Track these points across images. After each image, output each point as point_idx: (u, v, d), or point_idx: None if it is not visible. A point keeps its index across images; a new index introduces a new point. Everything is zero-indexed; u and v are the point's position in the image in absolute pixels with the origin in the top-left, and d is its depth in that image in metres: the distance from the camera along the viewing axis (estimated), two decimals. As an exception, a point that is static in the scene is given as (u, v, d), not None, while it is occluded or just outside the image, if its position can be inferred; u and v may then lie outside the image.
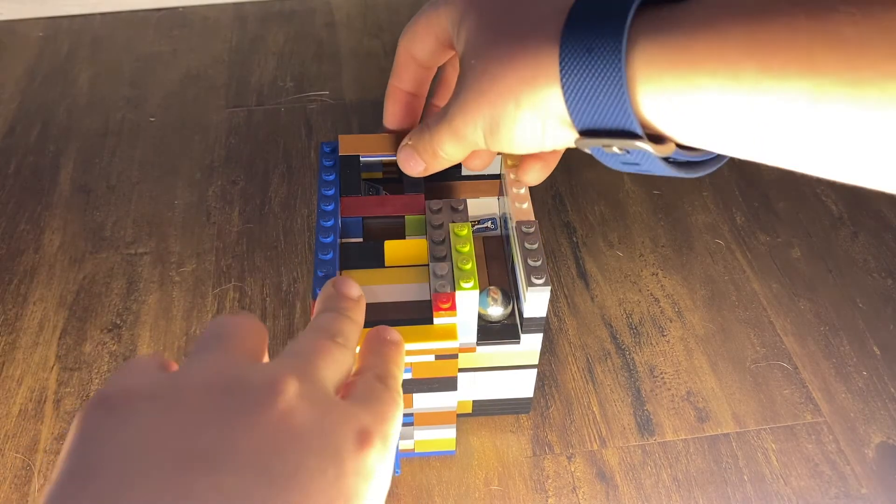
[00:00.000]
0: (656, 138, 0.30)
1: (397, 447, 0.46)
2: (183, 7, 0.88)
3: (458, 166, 0.49)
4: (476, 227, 0.50)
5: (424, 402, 0.44)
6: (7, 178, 0.67)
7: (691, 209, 0.64)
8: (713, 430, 0.50)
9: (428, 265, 0.43)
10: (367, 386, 0.29)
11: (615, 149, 0.30)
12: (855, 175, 0.26)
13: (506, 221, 0.49)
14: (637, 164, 0.31)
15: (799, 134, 0.26)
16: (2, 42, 0.83)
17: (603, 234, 0.62)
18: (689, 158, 0.31)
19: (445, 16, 0.37)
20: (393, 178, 0.50)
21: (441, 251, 0.42)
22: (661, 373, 0.53)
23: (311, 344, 0.29)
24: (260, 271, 0.59)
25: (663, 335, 0.55)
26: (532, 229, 0.44)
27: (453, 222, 0.44)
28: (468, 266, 0.41)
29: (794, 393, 0.52)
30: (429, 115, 0.44)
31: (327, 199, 0.45)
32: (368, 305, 0.41)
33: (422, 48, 0.39)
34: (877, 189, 0.26)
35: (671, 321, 0.56)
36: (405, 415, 0.45)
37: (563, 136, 0.32)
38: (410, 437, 0.47)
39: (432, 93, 0.44)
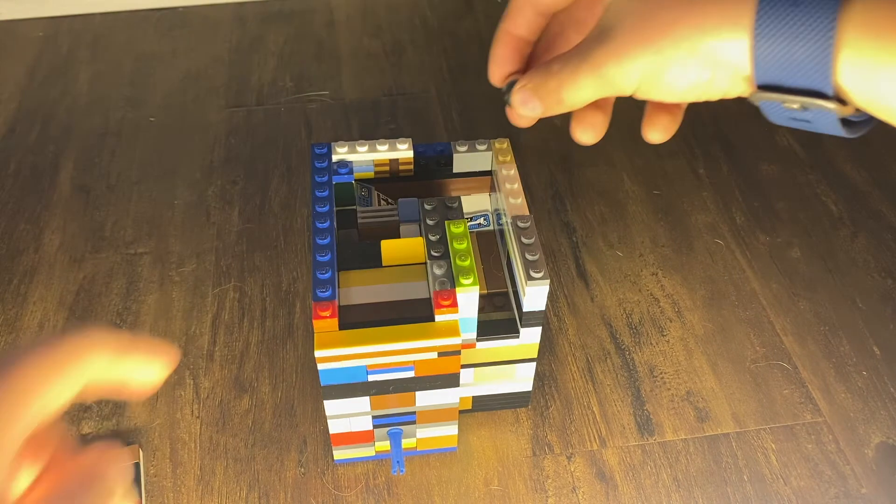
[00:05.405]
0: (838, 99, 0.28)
1: (400, 445, 0.46)
2: (183, 7, 0.88)
3: (450, 164, 0.49)
4: (468, 223, 0.50)
5: (427, 399, 0.44)
6: (7, 178, 0.67)
7: (691, 209, 0.64)
8: (713, 430, 0.50)
9: (425, 263, 0.43)
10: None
11: (794, 105, 0.29)
12: None
13: (499, 217, 0.49)
14: (808, 121, 0.30)
15: None
16: (2, 42, 0.83)
17: (603, 234, 0.62)
18: (862, 119, 0.29)
19: None
20: (384, 179, 0.50)
21: (438, 249, 0.42)
22: (661, 373, 0.53)
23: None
24: (259, 271, 0.59)
25: (663, 335, 0.55)
26: (528, 224, 0.44)
27: (448, 220, 0.44)
28: (467, 263, 0.41)
29: (794, 393, 0.52)
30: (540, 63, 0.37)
31: (322, 201, 0.45)
32: (369, 305, 0.41)
33: None
34: None
35: (671, 321, 0.56)
36: (407, 413, 0.45)
37: (730, 86, 0.30)
38: (413, 435, 0.47)
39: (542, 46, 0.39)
